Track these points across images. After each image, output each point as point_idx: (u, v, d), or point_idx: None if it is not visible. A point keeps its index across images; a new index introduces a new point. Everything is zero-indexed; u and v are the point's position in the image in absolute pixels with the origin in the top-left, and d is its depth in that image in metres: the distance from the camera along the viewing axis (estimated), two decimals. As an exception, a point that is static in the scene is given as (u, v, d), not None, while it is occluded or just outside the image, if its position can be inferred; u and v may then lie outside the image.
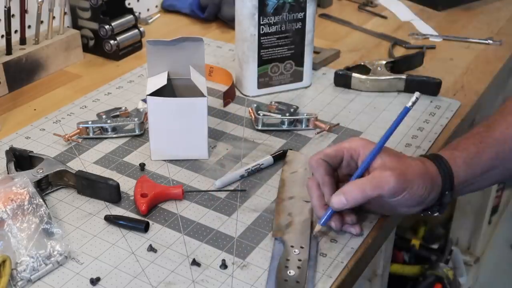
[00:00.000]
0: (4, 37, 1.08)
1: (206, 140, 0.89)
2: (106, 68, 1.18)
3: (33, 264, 0.68)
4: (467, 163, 0.73)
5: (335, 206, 0.70)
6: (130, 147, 0.92)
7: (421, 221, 1.84)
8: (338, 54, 1.22)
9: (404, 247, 1.75)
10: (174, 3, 1.42)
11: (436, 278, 1.65)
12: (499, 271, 1.97)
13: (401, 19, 1.44)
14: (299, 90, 1.10)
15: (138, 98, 1.05)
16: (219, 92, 1.07)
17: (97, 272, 0.70)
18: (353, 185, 0.70)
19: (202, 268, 0.70)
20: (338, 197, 0.70)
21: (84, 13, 1.20)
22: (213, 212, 0.79)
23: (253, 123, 0.98)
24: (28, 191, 0.74)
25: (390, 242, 1.10)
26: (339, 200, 0.70)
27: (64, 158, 0.89)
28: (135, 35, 1.23)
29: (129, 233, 0.75)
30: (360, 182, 0.70)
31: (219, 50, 1.25)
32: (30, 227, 0.71)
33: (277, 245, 0.73)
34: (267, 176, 0.86)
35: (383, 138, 0.72)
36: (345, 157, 0.74)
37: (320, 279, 0.69)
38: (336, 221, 0.73)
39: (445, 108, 1.03)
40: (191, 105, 0.85)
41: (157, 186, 0.81)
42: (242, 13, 1.01)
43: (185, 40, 0.88)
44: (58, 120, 0.99)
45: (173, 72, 0.90)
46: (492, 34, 1.33)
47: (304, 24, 1.04)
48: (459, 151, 0.74)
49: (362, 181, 0.70)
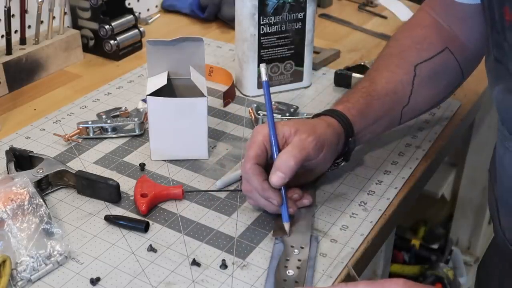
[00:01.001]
0: (4, 37, 1.08)
1: (206, 140, 0.89)
2: (106, 68, 1.18)
3: (33, 264, 0.68)
4: (360, 112, 0.80)
5: (275, 184, 0.72)
6: (130, 147, 0.92)
7: (421, 221, 1.84)
8: (338, 54, 1.22)
9: (404, 247, 1.75)
10: (174, 3, 1.42)
11: (436, 278, 1.65)
12: (499, 271, 1.96)
13: (401, 19, 1.43)
14: (299, 90, 1.10)
15: (138, 98, 1.05)
16: (219, 92, 1.07)
17: (97, 272, 0.70)
18: (282, 157, 0.72)
19: (202, 268, 0.70)
20: (274, 175, 0.71)
21: (84, 13, 1.20)
22: (213, 212, 0.79)
23: (253, 123, 0.98)
24: (28, 191, 0.74)
25: (390, 242, 1.10)
26: (277, 177, 0.71)
27: (64, 158, 0.89)
28: (135, 35, 1.23)
29: (129, 233, 0.75)
30: (286, 150, 0.72)
31: (219, 50, 1.25)
32: (30, 227, 0.71)
33: (277, 245, 0.73)
34: (267, 176, 0.86)
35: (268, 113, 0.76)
36: (267, 148, 0.75)
37: (320, 279, 0.69)
38: (291, 205, 0.75)
39: (445, 108, 1.03)
40: (191, 105, 0.85)
41: (157, 186, 0.81)
42: (242, 13, 1.01)
43: (185, 40, 0.88)
44: (58, 120, 0.99)
45: (173, 72, 0.90)
46: (492, 34, 1.33)
47: (304, 24, 1.04)
48: (351, 103, 0.81)
49: (287, 149, 0.73)
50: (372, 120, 0.82)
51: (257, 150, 0.74)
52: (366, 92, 0.82)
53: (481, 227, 1.86)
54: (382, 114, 0.82)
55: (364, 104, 0.81)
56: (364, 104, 0.81)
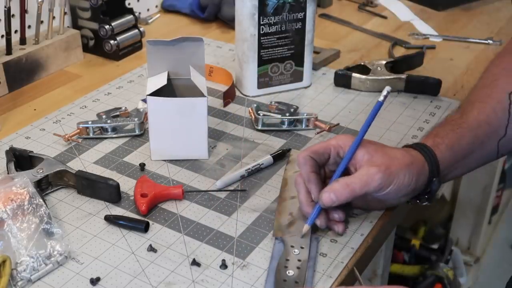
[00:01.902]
0: (4, 37, 1.08)
1: (206, 140, 0.89)
2: (106, 68, 1.18)
3: (33, 264, 0.68)
4: (449, 148, 0.76)
5: (324, 203, 0.71)
6: (130, 147, 0.92)
7: (421, 221, 1.84)
8: (338, 54, 1.22)
9: (404, 247, 1.75)
10: (174, 3, 1.42)
11: (436, 278, 1.65)
12: (499, 271, 1.97)
13: (401, 19, 1.44)
14: (299, 90, 1.10)
15: (138, 98, 1.05)
16: (219, 92, 1.07)
17: (97, 272, 0.70)
18: (342, 182, 0.71)
19: (202, 268, 0.70)
20: (327, 194, 0.71)
21: (84, 13, 1.20)
22: (213, 212, 0.79)
23: (253, 123, 0.98)
24: (28, 191, 0.74)
25: (390, 242, 1.10)
26: (328, 197, 0.71)
27: (64, 158, 0.89)
28: (135, 35, 1.23)
29: (129, 233, 0.75)
30: (349, 180, 0.71)
31: (219, 50, 1.25)
32: (30, 227, 0.71)
33: (277, 245, 0.73)
34: (267, 176, 0.86)
35: (361, 133, 0.74)
36: (332, 154, 0.75)
37: (320, 279, 0.69)
38: (322, 218, 0.74)
39: (445, 108, 1.03)
40: (191, 105, 0.85)
41: (157, 186, 0.81)
42: (242, 13, 1.01)
43: (185, 40, 0.88)
44: (58, 120, 0.99)
45: (173, 72, 0.90)
46: (492, 34, 1.33)
47: (304, 24, 1.04)
48: (440, 138, 0.77)
49: (350, 179, 0.71)
50: (463, 155, 0.77)
51: (321, 148, 0.75)
52: (457, 124, 0.78)
53: (481, 227, 1.87)
54: (475, 147, 0.78)
55: (454, 137, 0.77)
56: (454, 138, 0.77)
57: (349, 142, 0.74)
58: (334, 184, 0.72)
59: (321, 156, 0.75)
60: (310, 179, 0.74)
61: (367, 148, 0.73)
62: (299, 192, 0.76)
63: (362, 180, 0.70)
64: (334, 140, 0.75)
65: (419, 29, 1.37)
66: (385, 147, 0.75)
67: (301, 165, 0.75)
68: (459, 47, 1.29)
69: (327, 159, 0.76)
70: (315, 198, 0.74)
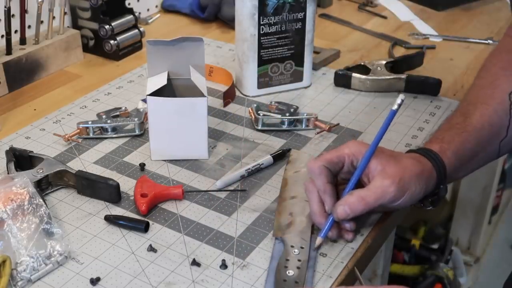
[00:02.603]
0: (4, 37, 1.08)
1: (206, 140, 0.89)
2: (106, 68, 1.18)
3: (33, 264, 0.68)
4: (455, 154, 0.76)
5: (339, 216, 0.71)
6: (130, 147, 0.92)
7: (421, 221, 1.84)
8: (338, 54, 1.22)
9: (404, 247, 1.75)
10: (174, 3, 1.42)
11: (436, 278, 1.65)
12: (499, 271, 1.97)
13: (401, 19, 1.44)
14: (299, 90, 1.10)
15: (138, 98, 1.05)
16: (219, 92, 1.07)
17: (97, 272, 0.70)
18: (356, 196, 0.71)
19: (202, 268, 0.70)
20: (342, 207, 0.71)
21: (84, 13, 1.20)
22: (213, 212, 0.79)
23: (253, 123, 0.98)
24: (28, 191, 0.74)
25: (390, 242, 1.10)
26: (343, 210, 0.71)
27: (64, 158, 0.89)
28: (135, 35, 1.23)
29: (129, 233, 0.75)
30: (364, 193, 0.71)
31: (219, 50, 1.25)
32: (30, 227, 0.71)
33: (277, 245, 0.73)
34: (267, 176, 0.86)
35: (374, 143, 0.73)
36: (346, 163, 0.74)
37: (320, 279, 0.69)
38: (334, 231, 0.74)
39: (445, 108, 1.03)
40: (191, 105, 0.85)
41: (157, 186, 0.81)
42: (242, 13, 1.01)
43: (185, 40, 0.88)
44: (58, 120, 0.99)
45: (173, 72, 0.90)
46: (492, 34, 1.33)
47: (304, 24, 1.04)
48: (446, 143, 0.77)
49: (365, 192, 0.71)
50: (468, 158, 0.78)
51: (335, 157, 0.74)
52: (462, 128, 0.79)
53: (481, 227, 1.87)
54: (478, 150, 0.79)
55: (459, 142, 0.77)
56: (460, 143, 0.77)
57: (362, 150, 0.73)
58: (348, 198, 0.71)
59: (336, 166, 0.74)
60: (326, 191, 0.73)
61: (380, 159, 0.72)
62: (311, 200, 0.74)
63: (377, 193, 0.70)
64: (347, 148, 0.74)
65: (419, 29, 1.37)
66: (396, 155, 0.75)
67: (315, 175, 0.73)
68: (459, 47, 1.29)
69: (341, 168, 0.75)
70: (328, 210, 0.73)
